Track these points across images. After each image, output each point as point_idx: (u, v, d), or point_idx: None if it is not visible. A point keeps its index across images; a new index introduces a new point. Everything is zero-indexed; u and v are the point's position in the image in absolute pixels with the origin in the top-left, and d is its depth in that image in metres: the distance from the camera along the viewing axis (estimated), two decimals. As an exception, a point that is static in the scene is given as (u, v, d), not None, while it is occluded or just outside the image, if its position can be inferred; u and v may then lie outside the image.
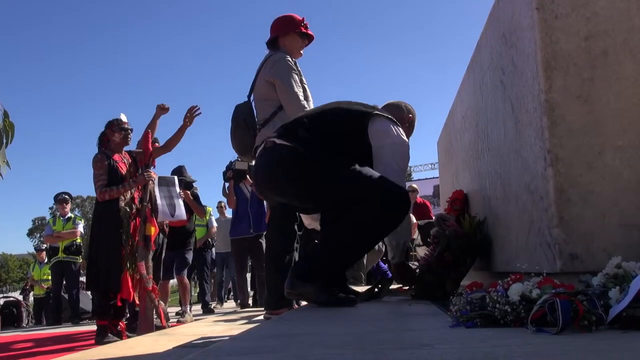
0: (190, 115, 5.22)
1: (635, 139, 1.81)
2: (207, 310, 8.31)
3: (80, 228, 9.11)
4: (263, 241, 7.48)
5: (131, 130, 4.92)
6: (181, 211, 5.62)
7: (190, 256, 6.99)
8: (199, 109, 5.24)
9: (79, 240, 9.09)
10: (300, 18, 3.78)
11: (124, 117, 4.93)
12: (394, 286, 3.31)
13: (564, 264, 1.77)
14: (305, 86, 3.65)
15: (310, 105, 3.59)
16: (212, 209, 8.92)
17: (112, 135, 4.80)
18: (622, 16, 1.87)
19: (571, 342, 1.21)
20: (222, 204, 9.71)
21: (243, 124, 3.60)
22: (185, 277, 7.05)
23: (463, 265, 2.93)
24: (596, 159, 1.81)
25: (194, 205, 7.00)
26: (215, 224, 8.75)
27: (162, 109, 5.08)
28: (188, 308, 7.17)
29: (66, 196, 9.25)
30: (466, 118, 3.54)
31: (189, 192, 6.93)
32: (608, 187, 1.79)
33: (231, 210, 8.00)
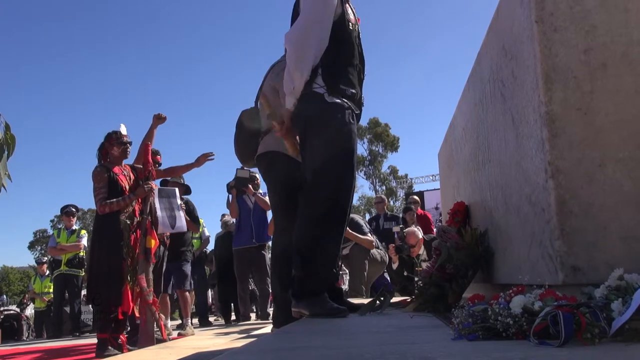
0: (204, 159, 5.53)
1: (635, 151, 1.81)
2: (205, 323, 8.28)
3: (84, 241, 9.10)
4: (266, 253, 7.47)
5: (130, 143, 4.93)
6: (182, 223, 5.62)
7: (188, 268, 6.94)
8: (213, 156, 5.56)
9: (82, 254, 9.07)
10: None
11: (123, 130, 4.93)
12: (395, 299, 3.30)
13: (566, 276, 1.77)
14: None
15: None
16: (203, 221, 8.88)
17: (111, 149, 4.80)
18: (620, 29, 1.88)
19: (574, 355, 1.21)
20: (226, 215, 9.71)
21: (247, 130, 3.59)
22: (187, 290, 7.00)
23: (465, 277, 2.92)
24: (597, 171, 1.81)
25: (189, 224, 6.95)
26: (207, 234, 8.71)
27: (158, 119, 5.10)
28: (189, 321, 7.14)
29: (73, 209, 9.26)
30: (467, 130, 3.54)
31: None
32: (609, 200, 1.79)
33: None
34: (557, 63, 1.88)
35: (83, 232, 9.30)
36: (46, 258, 11.17)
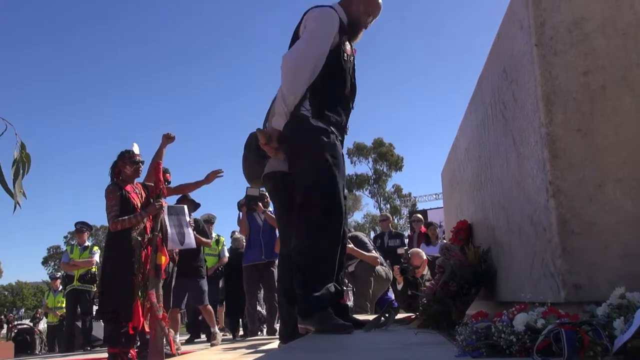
0: (214, 176, 5.60)
1: (635, 172, 1.80)
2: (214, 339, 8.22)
3: (96, 257, 9.10)
4: (274, 269, 7.44)
5: (142, 162, 4.95)
6: (190, 239, 5.62)
7: (204, 284, 6.93)
8: (222, 173, 5.64)
9: (94, 270, 9.07)
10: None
11: (136, 149, 4.95)
12: (400, 315, 3.27)
13: (568, 294, 1.75)
14: None
15: None
16: (224, 239, 8.88)
17: (123, 167, 4.83)
18: (619, 52, 1.88)
19: (577, 373, 1.19)
20: (236, 232, 9.71)
21: (255, 151, 3.60)
22: (208, 304, 6.98)
23: (468, 294, 2.89)
24: (597, 192, 1.80)
25: (199, 238, 6.95)
26: (227, 255, 8.72)
27: (168, 138, 5.11)
28: (217, 329, 7.14)
29: (84, 226, 9.30)
30: (469, 151, 3.54)
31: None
32: (609, 219, 1.78)
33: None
34: (557, 85, 1.88)
35: (95, 248, 9.30)
36: (59, 273, 11.19)
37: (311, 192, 2.79)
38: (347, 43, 2.97)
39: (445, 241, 4.39)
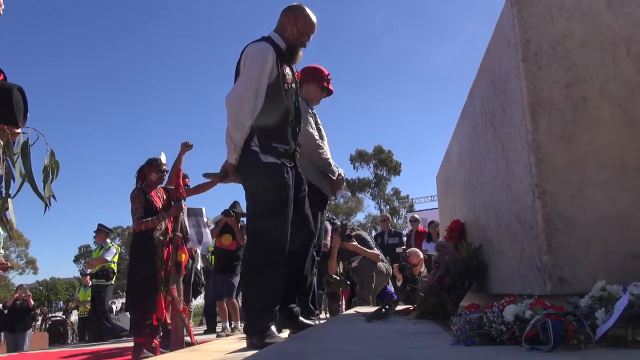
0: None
1: (613, 175, 1.80)
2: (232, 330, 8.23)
3: (107, 254, 9.07)
4: None
5: (166, 171, 4.97)
6: (208, 239, 5.64)
7: (236, 281, 6.96)
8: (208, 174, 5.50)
9: (107, 266, 9.03)
10: (326, 73, 3.80)
11: (163, 158, 4.97)
12: (399, 307, 3.26)
13: (553, 287, 1.74)
14: (320, 127, 3.67)
15: (325, 144, 3.63)
16: None
17: (149, 173, 4.84)
18: (598, 67, 1.88)
19: (563, 359, 1.19)
20: None
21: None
22: (234, 298, 7.02)
23: (461, 287, 2.89)
24: (579, 193, 1.80)
25: (239, 233, 6.97)
26: None
27: (186, 146, 5.11)
28: (239, 324, 7.16)
29: (103, 228, 9.33)
30: (461, 156, 3.54)
31: (232, 220, 6.91)
32: (590, 218, 1.78)
33: None
34: (542, 97, 1.88)
35: (109, 245, 9.27)
36: (89, 270, 11.22)
37: (263, 222, 2.76)
38: (288, 68, 2.92)
39: (440, 239, 4.38)
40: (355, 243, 6.10)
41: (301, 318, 3.18)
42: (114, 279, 9.19)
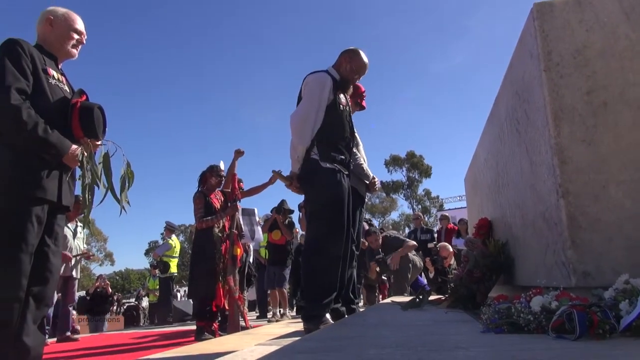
0: (276, 177, 5.50)
1: (634, 175, 1.71)
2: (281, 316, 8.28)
3: (158, 250, 9.33)
4: None
5: (224, 177, 5.06)
6: (259, 235, 5.70)
7: (287, 273, 7.04)
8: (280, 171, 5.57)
9: (165, 260, 9.22)
10: (363, 89, 3.83)
11: (222, 166, 5.08)
12: (432, 297, 3.21)
13: (577, 280, 1.67)
14: (356, 134, 3.67)
15: (361, 150, 3.64)
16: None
17: (210, 178, 4.95)
18: (617, 73, 1.80)
19: (588, 347, 1.14)
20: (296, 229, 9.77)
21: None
22: (284, 288, 7.11)
23: (490, 280, 2.82)
24: (601, 192, 1.72)
25: (284, 229, 7.04)
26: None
27: (238, 153, 5.19)
28: (287, 311, 7.24)
29: (169, 225, 9.58)
30: (488, 160, 3.45)
31: (280, 217, 6.98)
32: (613, 216, 1.70)
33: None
34: (564, 104, 1.81)
35: (165, 241, 9.50)
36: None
37: (320, 218, 2.81)
38: (342, 96, 3.03)
39: (469, 236, 4.28)
40: (397, 252, 5.97)
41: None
42: (168, 271, 9.29)
